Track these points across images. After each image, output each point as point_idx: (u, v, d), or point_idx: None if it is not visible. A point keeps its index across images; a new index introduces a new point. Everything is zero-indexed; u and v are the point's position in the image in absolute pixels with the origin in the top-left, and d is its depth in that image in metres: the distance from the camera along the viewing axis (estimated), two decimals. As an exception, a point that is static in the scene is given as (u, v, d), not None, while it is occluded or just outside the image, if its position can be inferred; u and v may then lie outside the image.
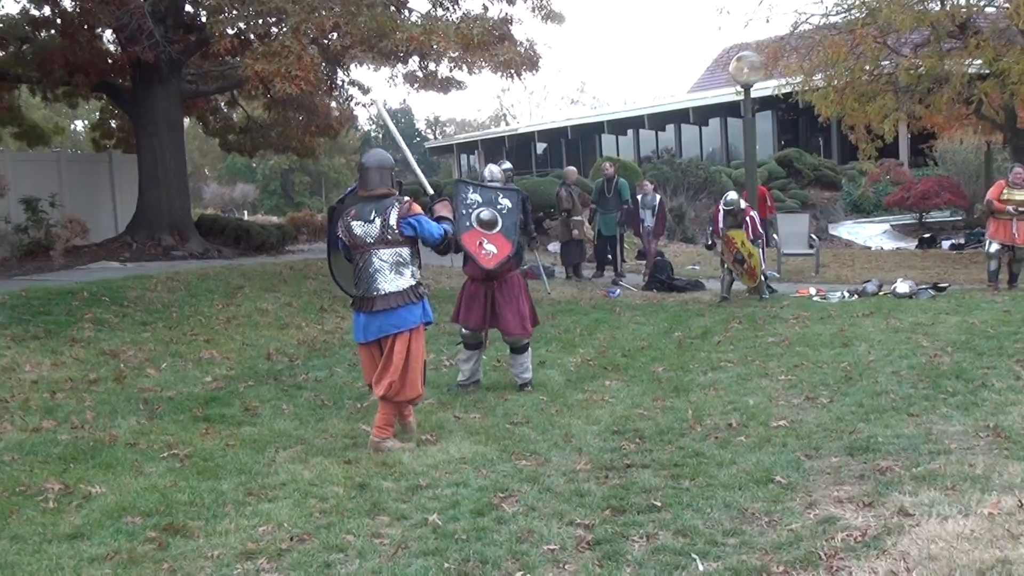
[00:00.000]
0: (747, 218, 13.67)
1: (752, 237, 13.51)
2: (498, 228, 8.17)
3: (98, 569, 4.58)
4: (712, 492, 5.32)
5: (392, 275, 6.71)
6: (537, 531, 4.83)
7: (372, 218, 6.69)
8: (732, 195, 14.08)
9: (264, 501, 5.51)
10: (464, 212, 8.22)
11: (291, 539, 4.86)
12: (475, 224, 8.18)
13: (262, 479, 5.95)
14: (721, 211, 13.80)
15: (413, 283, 6.78)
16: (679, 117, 39.23)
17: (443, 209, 7.19)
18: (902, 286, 13.39)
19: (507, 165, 12.81)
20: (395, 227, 6.66)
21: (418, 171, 8.32)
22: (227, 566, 4.55)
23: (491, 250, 8.12)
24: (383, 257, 6.70)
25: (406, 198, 6.87)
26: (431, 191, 7.58)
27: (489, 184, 8.64)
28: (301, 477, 5.95)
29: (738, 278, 13.77)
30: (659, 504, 5.16)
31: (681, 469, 5.82)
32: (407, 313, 6.73)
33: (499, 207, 8.23)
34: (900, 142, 30.03)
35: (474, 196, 8.30)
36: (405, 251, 6.75)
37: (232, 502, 5.48)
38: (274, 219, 31.76)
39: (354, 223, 6.75)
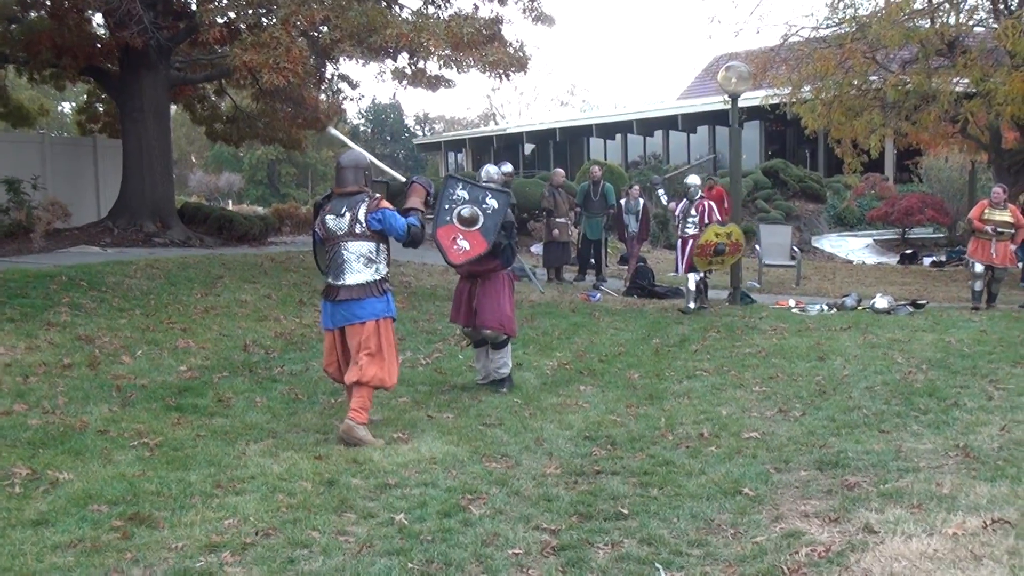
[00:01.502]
0: (704, 204, 13.77)
1: (710, 221, 13.58)
2: (477, 226, 8.18)
3: (61, 556, 4.56)
4: (680, 502, 5.34)
5: (359, 267, 6.97)
6: (503, 535, 4.83)
7: (343, 212, 7.00)
8: (694, 178, 14.24)
9: (231, 494, 5.49)
10: (447, 207, 8.26)
11: (256, 533, 4.85)
12: (454, 219, 8.21)
13: (231, 471, 5.93)
14: (680, 204, 13.95)
15: (378, 278, 7.03)
16: (667, 123, 39.27)
17: (415, 198, 7.35)
18: (881, 302, 13.45)
19: (508, 168, 12.85)
20: (363, 221, 6.94)
21: (385, 168, 8.41)
22: (190, 558, 4.53)
23: (463, 246, 8.13)
24: (351, 249, 6.97)
25: (377, 195, 7.12)
26: (403, 179, 7.67)
27: (480, 183, 8.65)
28: (270, 471, 5.94)
29: (719, 267, 13.82)
30: (626, 512, 5.17)
31: (650, 477, 5.83)
32: (370, 304, 6.94)
33: (484, 206, 8.24)
34: (886, 157, 30.16)
35: (461, 193, 8.32)
36: (373, 245, 7.01)
37: (199, 493, 5.47)
38: (259, 209, 31.65)
39: (328, 217, 7.08)
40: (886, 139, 20.45)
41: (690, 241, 13.68)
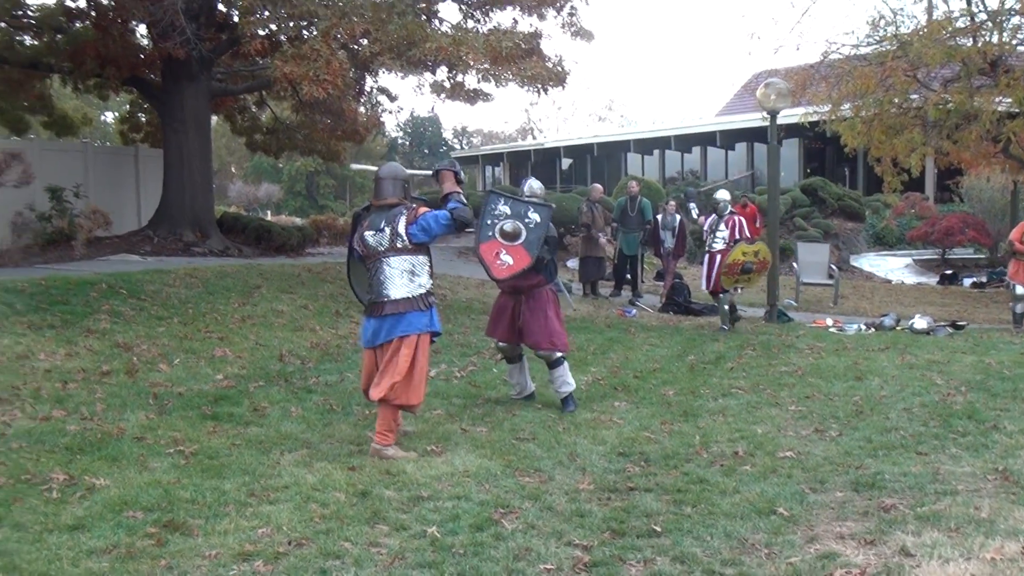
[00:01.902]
0: (735, 220, 13.64)
1: (739, 239, 13.43)
2: (520, 240, 8.15)
3: (96, 562, 4.60)
4: (713, 520, 5.30)
5: (402, 281, 6.85)
6: (535, 549, 4.81)
7: (382, 227, 6.87)
8: (724, 193, 14.11)
9: (265, 503, 5.52)
10: (489, 222, 8.24)
11: (289, 543, 4.86)
12: (497, 234, 8.19)
13: (265, 481, 5.96)
14: (708, 219, 13.84)
15: (422, 291, 6.93)
16: (706, 140, 39.16)
17: (447, 183, 7.17)
18: (920, 322, 13.32)
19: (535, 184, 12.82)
20: (404, 235, 6.82)
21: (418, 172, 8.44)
22: (224, 566, 4.56)
23: (507, 261, 8.11)
24: (393, 264, 6.86)
25: (414, 204, 7.01)
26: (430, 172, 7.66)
27: (522, 197, 8.65)
28: (304, 481, 5.96)
29: (746, 285, 13.67)
30: (659, 529, 5.14)
31: (684, 495, 5.79)
32: (414, 318, 6.84)
33: (526, 220, 8.21)
34: (926, 176, 29.90)
35: (503, 208, 8.30)
36: (415, 259, 6.90)
37: (234, 502, 5.50)
38: (297, 220, 31.83)
39: (367, 233, 6.94)
40: (927, 158, 20.25)
41: (717, 257, 13.52)
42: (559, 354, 8.43)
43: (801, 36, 24.99)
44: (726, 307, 13.50)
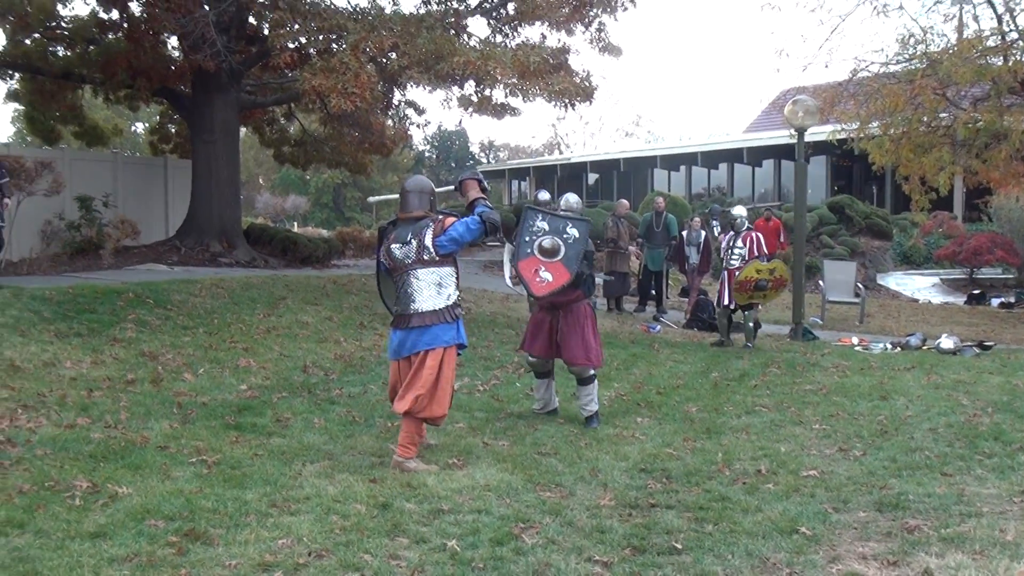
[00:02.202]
0: (753, 235, 13.58)
1: (757, 255, 13.36)
2: (559, 257, 8.14)
3: (117, 570, 4.62)
4: (735, 539, 5.26)
5: (429, 294, 6.86)
6: (555, 565, 4.80)
7: (409, 240, 6.88)
8: (740, 209, 14.06)
9: (286, 514, 5.53)
10: (527, 239, 8.25)
11: (310, 554, 4.87)
12: (535, 251, 8.19)
13: (286, 491, 5.97)
14: (728, 235, 13.79)
15: (449, 304, 6.93)
16: (733, 156, 39.09)
17: (472, 191, 7.16)
18: (946, 342, 13.21)
19: (544, 196, 12.90)
20: (431, 247, 6.82)
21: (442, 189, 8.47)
22: (243, 577, 4.57)
23: (546, 278, 8.11)
24: (420, 277, 6.86)
25: (439, 216, 7.02)
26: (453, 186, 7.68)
27: (559, 212, 8.64)
28: (325, 492, 5.97)
29: (761, 301, 13.55)
30: (680, 547, 5.11)
31: (706, 512, 5.76)
32: (440, 331, 6.85)
33: (565, 236, 8.20)
34: (955, 195, 29.71)
35: (541, 224, 8.30)
36: (442, 271, 6.90)
37: (255, 512, 5.51)
38: (323, 232, 31.99)
39: (393, 246, 6.95)
40: (955, 177, 20.15)
41: (736, 274, 13.49)
42: (592, 371, 8.41)
43: (830, 54, 25.01)
44: (751, 324, 13.44)
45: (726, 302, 13.65)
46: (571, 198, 9.33)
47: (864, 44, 57.32)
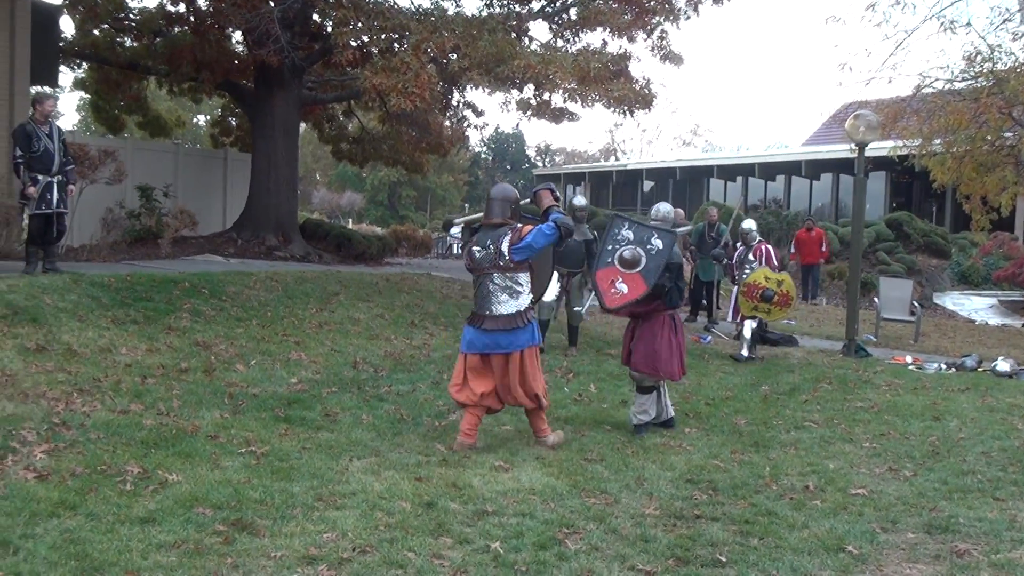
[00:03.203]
0: (762, 248, 13.45)
1: (766, 265, 13.20)
2: (638, 268, 8.11)
3: (165, 555, 4.68)
4: (780, 554, 5.22)
5: (504, 298, 7.29)
6: (597, 572, 4.79)
7: (488, 245, 7.33)
8: (750, 223, 13.97)
9: (332, 508, 5.57)
10: (610, 248, 8.26)
11: (353, 549, 4.90)
12: (615, 261, 8.18)
13: (333, 486, 6.02)
14: (739, 250, 13.68)
15: (522, 308, 7.32)
16: (791, 169, 38.79)
17: (546, 201, 7.56)
18: (1003, 364, 12.98)
19: (580, 201, 12.88)
20: (507, 254, 7.23)
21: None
22: (288, 568, 4.61)
23: (621, 290, 8.08)
24: (496, 281, 7.32)
25: (518, 224, 7.37)
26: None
27: (646, 222, 8.60)
28: (371, 488, 6.01)
29: (764, 316, 13.30)
30: (724, 560, 5.08)
31: (751, 526, 5.71)
32: (518, 335, 7.31)
33: (648, 247, 8.16)
34: (1016, 216, 29.25)
35: (626, 233, 8.28)
36: (516, 276, 7.33)
37: (301, 505, 5.56)
38: (377, 230, 32.19)
39: (475, 248, 7.43)
40: (1018, 197, 19.82)
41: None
42: (651, 381, 8.33)
43: (894, 69, 24.54)
44: (747, 335, 13.22)
45: (732, 317, 13.55)
46: (663, 207, 9.28)
47: (929, 60, 56.65)
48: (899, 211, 32.67)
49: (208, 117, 43.86)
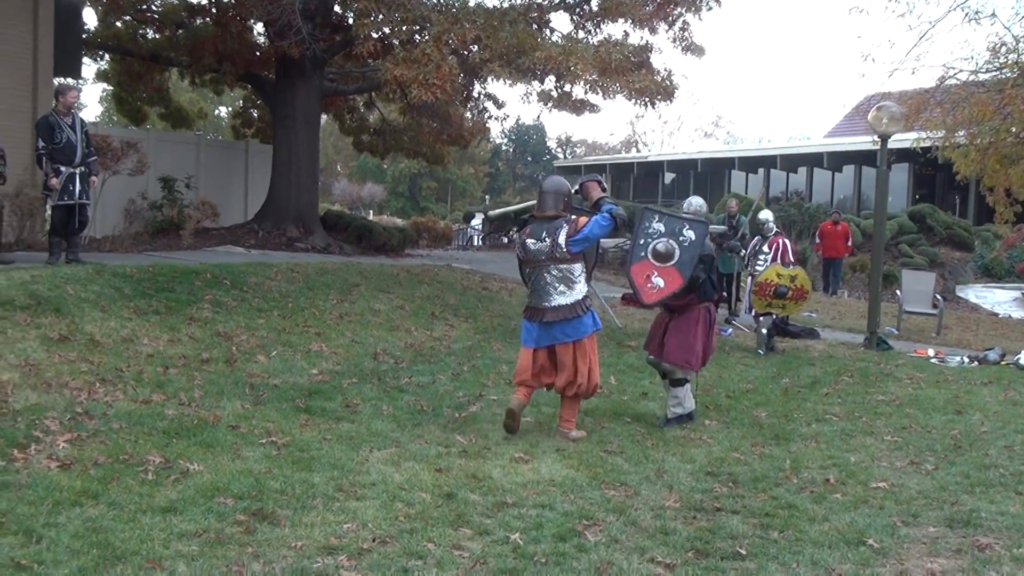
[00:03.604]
0: (779, 242, 13.32)
1: (781, 262, 13.09)
2: (673, 261, 8.10)
3: (186, 544, 4.71)
4: (800, 547, 5.20)
5: (561, 288, 7.44)
6: (617, 564, 4.79)
7: (544, 237, 7.45)
8: (767, 214, 13.80)
9: (352, 499, 5.59)
10: (642, 241, 8.23)
11: (373, 540, 4.91)
12: (649, 255, 8.16)
13: (353, 476, 6.04)
14: (754, 240, 13.57)
15: (580, 297, 7.47)
16: (813, 160, 38.58)
17: (594, 193, 7.75)
18: (1027, 358, 12.90)
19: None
20: (564, 246, 7.36)
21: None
22: (308, 558, 4.62)
23: (658, 284, 8.07)
24: (553, 272, 7.45)
25: (572, 216, 7.49)
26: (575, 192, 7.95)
27: (677, 214, 8.57)
28: (391, 479, 6.02)
29: (779, 312, 13.18)
30: (744, 552, 5.06)
31: (771, 519, 5.69)
32: (579, 323, 7.46)
33: (681, 239, 8.13)
34: (1040, 209, 29.00)
35: (657, 226, 8.24)
36: (573, 267, 7.46)
37: (321, 495, 5.58)
38: (398, 221, 32.23)
39: (528, 240, 7.54)
40: (1043, 190, 19.65)
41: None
42: (682, 374, 8.34)
43: (918, 60, 24.55)
44: (764, 331, 13.14)
45: (748, 310, 13.48)
46: (695, 201, 9.31)
47: (953, 51, 56.18)
48: (922, 203, 32.47)
49: (230, 109, 44.06)
